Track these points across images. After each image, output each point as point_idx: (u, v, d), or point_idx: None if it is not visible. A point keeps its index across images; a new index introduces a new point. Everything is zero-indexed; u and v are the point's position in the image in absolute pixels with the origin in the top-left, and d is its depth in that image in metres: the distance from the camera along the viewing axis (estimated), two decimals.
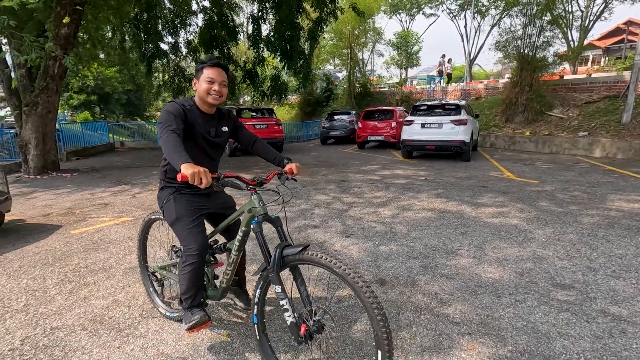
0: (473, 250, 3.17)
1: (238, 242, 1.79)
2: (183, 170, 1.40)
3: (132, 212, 4.69)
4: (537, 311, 2.21)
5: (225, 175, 1.62)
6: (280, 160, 1.97)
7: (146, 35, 13.03)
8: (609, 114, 10.06)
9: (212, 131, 1.89)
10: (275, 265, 1.56)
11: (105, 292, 2.58)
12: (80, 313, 2.30)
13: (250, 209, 1.70)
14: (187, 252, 1.74)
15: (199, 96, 1.81)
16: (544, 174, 6.74)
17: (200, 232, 1.79)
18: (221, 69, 1.79)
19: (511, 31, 12.08)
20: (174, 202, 1.84)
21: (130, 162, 9.97)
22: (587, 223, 3.83)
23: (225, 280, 1.89)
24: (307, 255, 1.49)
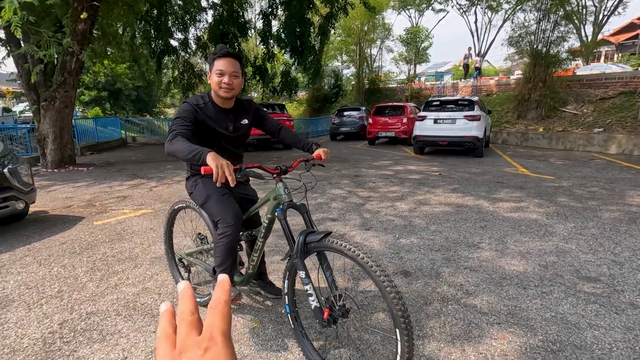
0: (494, 244, 3.18)
1: (264, 229, 1.83)
2: (208, 161, 1.39)
3: (151, 205, 4.77)
4: (565, 303, 2.22)
5: (247, 166, 1.62)
6: (309, 146, 1.95)
7: (156, 32, 13.14)
8: (625, 110, 9.90)
9: (230, 126, 1.86)
10: (299, 252, 1.57)
11: (135, 280, 2.64)
12: (113, 299, 2.36)
13: (276, 196, 1.72)
14: (223, 224, 1.77)
15: (213, 90, 1.79)
16: (559, 170, 6.68)
17: (232, 204, 1.83)
18: (232, 58, 1.73)
19: (524, 26, 11.93)
20: (202, 184, 1.88)
21: (143, 157, 10.08)
22: (608, 218, 3.81)
23: (252, 267, 1.93)
24: (327, 242, 1.51)
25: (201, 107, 1.78)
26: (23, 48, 6.70)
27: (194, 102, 1.79)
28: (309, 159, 1.83)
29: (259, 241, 1.85)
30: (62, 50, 6.95)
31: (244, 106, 1.95)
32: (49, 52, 6.58)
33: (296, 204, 1.69)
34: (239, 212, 1.84)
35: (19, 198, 3.69)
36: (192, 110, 1.74)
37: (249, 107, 1.97)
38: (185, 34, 14.41)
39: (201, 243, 2.29)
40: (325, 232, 1.55)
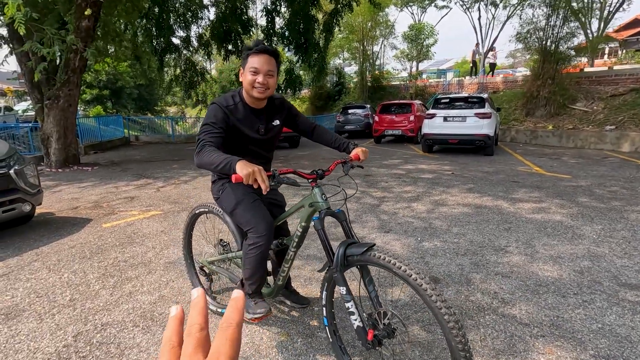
0: (522, 247, 3.04)
1: (297, 238, 1.68)
2: (238, 170, 1.29)
3: (160, 206, 4.64)
4: (610, 313, 2.08)
5: (281, 171, 1.50)
6: (345, 146, 1.81)
7: (158, 30, 12.99)
8: (637, 107, 9.73)
9: (261, 128, 1.72)
10: (339, 265, 1.43)
11: (150, 287, 2.51)
12: (129, 309, 2.23)
13: (312, 203, 1.58)
14: (254, 234, 1.64)
15: (245, 89, 1.64)
16: (574, 169, 6.53)
17: (264, 212, 1.69)
18: (269, 55, 1.58)
19: (533, 22, 11.74)
20: (231, 189, 1.73)
21: (148, 156, 9.96)
22: (636, 220, 3.67)
23: (281, 278, 1.79)
24: (371, 256, 1.36)
25: (231, 109, 1.64)
26: (26, 45, 6.56)
27: (224, 103, 1.64)
28: (346, 160, 1.68)
29: (291, 251, 1.71)
30: (66, 47, 6.81)
31: (276, 106, 1.81)
32: (52, 49, 6.44)
33: (334, 212, 1.55)
34: (271, 221, 1.70)
35: (25, 200, 3.56)
36: (222, 114, 1.60)
37: (281, 107, 1.82)
38: (187, 32, 14.26)
39: (224, 250, 2.17)
40: (368, 244, 1.41)
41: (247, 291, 1.75)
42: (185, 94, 17.12)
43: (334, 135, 1.88)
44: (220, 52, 14.26)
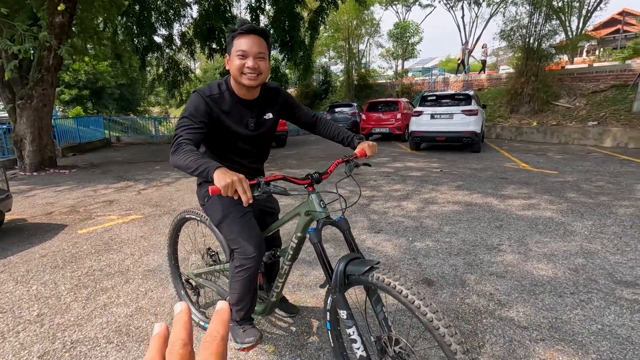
0: (515, 245, 2.98)
1: (292, 250, 1.47)
2: (215, 180, 1.08)
3: (141, 210, 4.43)
4: (608, 312, 2.02)
5: (268, 178, 1.24)
6: (350, 140, 1.59)
7: (139, 28, 12.63)
8: (618, 102, 9.93)
9: (251, 123, 1.48)
10: (338, 286, 1.23)
11: (127, 298, 2.34)
12: (102, 323, 2.06)
13: (308, 211, 1.37)
14: (241, 255, 1.44)
15: (233, 77, 1.40)
16: (560, 165, 6.58)
17: (254, 230, 1.48)
18: (257, 35, 1.33)
19: (516, 20, 11.86)
20: (218, 199, 1.51)
21: (129, 157, 9.64)
22: (625, 214, 3.66)
23: (275, 294, 1.60)
24: (374, 278, 1.15)
25: (216, 99, 1.39)
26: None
27: (207, 92, 1.39)
28: (350, 158, 1.45)
29: (285, 264, 1.51)
30: (39, 45, 6.49)
31: (270, 96, 1.54)
32: (23, 47, 6.13)
33: (335, 221, 1.33)
34: (261, 239, 1.48)
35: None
36: (205, 105, 1.36)
37: (275, 97, 1.57)
38: (169, 30, 13.92)
39: (212, 261, 1.96)
40: (371, 261, 1.20)
41: (234, 318, 1.56)
42: (169, 94, 16.75)
43: (338, 127, 1.67)
44: (204, 51, 13.97)
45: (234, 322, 1.58)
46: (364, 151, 1.49)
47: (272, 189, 1.22)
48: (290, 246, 1.48)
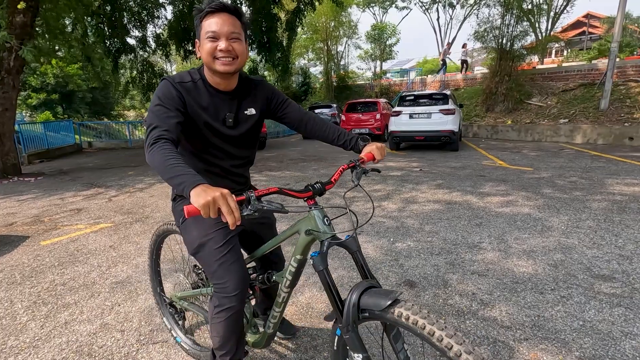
0: (495, 243, 2.98)
1: (290, 274, 1.24)
2: (193, 199, 0.86)
3: (111, 218, 4.21)
4: (589, 308, 2.02)
5: (260, 192, 1.01)
6: (354, 143, 1.36)
7: (110, 29, 12.19)
8: (587, 101, 10.31)
9: (229, 118, 1.25)
10: (350, 323, 1.00)
11: (91, 314, 2.17)
12: (62, 343, 1.89)
13: (310, 230, 1.13)
14: (220, 293, 1.22)
15: (205, 64, 1.20)
16: (535, 161, 6.73)
17: (236, 262, 1.24)
18: (228, 14, 1.14)
19: (489, 21, 12.16)
20: (194, 223, 1.26)
21: (102, 163, 9.25)
22: (598, 208, 3.74)
23: (272, 325, 1.37)
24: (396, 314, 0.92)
25: (188, 88, 1.19)
26: None
27: (177, 79, 1.19)
28: (357, 163, 1.24)
29: (283, 291, 1.28)
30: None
31: (252, 89, 1.32)
32: None
33: (342, 241, 1.09)
34: (245, 273, 1.26)
35: None
36: (176, 92, 1.16)
37: (259, 91, 1.34)
38: (143, 32, 13.50)
39: (199, 279, 1.64)
40: (393, 292, 0.96)
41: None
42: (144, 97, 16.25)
43: (337, 128, 1.40)
44: (180, 52, 13.63)
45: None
46: (371, 154, 1.27)
47: (265, 205, 0.98)
48: (288, 270, 1.24)
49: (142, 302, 2.29)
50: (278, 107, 1.39)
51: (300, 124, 1.41)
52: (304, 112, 1.43)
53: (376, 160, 1.28)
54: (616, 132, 8.68)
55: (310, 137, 1.43)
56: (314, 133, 1.42)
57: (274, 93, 1.38)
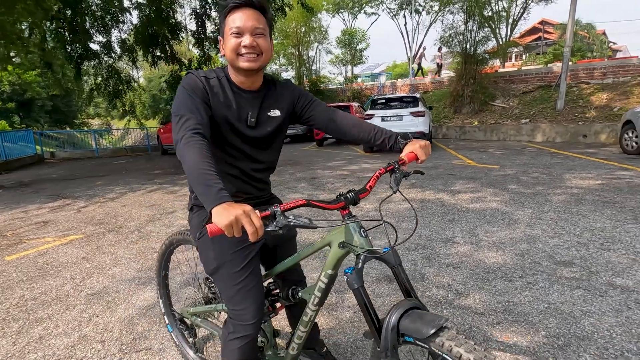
0: (467, 237, 3.14)
1: (320, 291, 1.13)
2: (214, 218, 0.81)
3: (81, 229, 4.05)
4: (552, 291, 2.18)
5: (287, 205, 0.91)
6: (394, 142, 1.24)
7: (71, 34, 11.70)
8: (545, 102, 10.98)
9: (251, 118, 1.18)
10: (389, 348, 0.91)
11: (67, 327, 2.10)
12: (38, 358, 1.82)
13: (344, 243, 1.04)
14: (236, 320, 1.17)
15: (229, 62, 1.15)
16: (501, 160, 7.10)
17: (255, 289, 1.18)
18: (253, 9, 1.09)
19: (454, 27, 12.71)
20: (212, 241, 1.17)
21: (66, 174, 8.84)
22: (558, 201, 4.02)
23: (297, 346, 1.26)
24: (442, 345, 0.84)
25: (212, 83, 1.14)
26: None
27: (202, 73, 1.15)
28: (396, 166, 1.13)
29: (310, 310, 1.17)
30: None
31: (278, 89, 1.26)
32: None
33: (380, 254, 1.00)
34: (262, 303, 1.20)
35: None
36: (201, 85, 1.11)
37: (284, 91, 1.27)
38: (107, 37, 13.04)
39: (211, 294, 1.53)
40: (439, 318, 0.87)
41: None
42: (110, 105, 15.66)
43: (372, 126, 1.28)
44: (147, 58, 13.27)
45: None
46: (413, 154, 1.15)
47: (292, 221, 0.88)
48: (317, 287, 1.13)
49: (121, 311, 2.24)
50: (305, 108, 1.29)
51: (329, 125, 1.29)
52: (333, 112, 1.31)
53: (419, 161, 1.17)
54: (572, 130, 9.31)
55: (342, 138, 1.32)
56: (345, 134, 1.29)
57: (300, 93, 1.30)
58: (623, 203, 3.79)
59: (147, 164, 10.20)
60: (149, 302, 2.34)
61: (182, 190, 5.87)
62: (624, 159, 6.34)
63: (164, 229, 3.85)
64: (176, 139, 0.99)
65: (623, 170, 5.44)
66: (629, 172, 5.29)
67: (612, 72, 10.88)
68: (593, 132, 9.03)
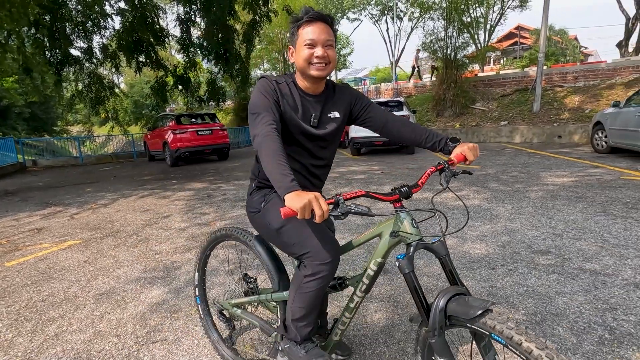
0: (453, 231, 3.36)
1: (368, 278, 1.23)
2: (288, 203, 0.95)
3: (78, 234, 4.10)
4: (530, 277, 2.42)
5: (348, 195, 1.04)
6: (443, 144, 1.33)
7: (51, 40, 11.53)
8: (522, 104, 11.50)
9: (314, 118, 1.33)
10: (437, 328, 1.01)
11: (81, 324, 2.20)
12: (58, 353, 1.93)
13: (395, 232, 1.15)
14: (315, 260, 1.20)
15: (299, 69, 1.29)
16: (482, 160, 7.44)
17: (328, 234, 1.27)
18: (324, 23, 1.24)
19: (434, 33, 13.17)
20: (279, 199, 1.26)
21: (53, 182, 8.72)
22: (535, 197, 4.31)
23: (340, 332, 1.37)
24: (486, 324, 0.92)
25: (282, 87, 1.30)
26: None
27: (273, 78, 1.31)
28: (445, 166, 1.23)
29: (357, 296, 1.27)
30: None
31: (337, 93, 1.40)
32: None
33: (429, 244, 1.11)
34: (337, 244, 1.27)
35: None
36: (274, 88, 1.27)
37: (343, 95, 1.41)
38: (88, 43, 12.89)
39: (249, 289, 1.63)
40: (485, 302, 0.96)
41: (293, 337, 1.33)
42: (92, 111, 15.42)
43: (424, 129, 1.39)
44: (130, 64, 13.18)
45: (291, 342, 1.35)
46: (462, 155, 1.24)
47: (353, 208, 1.01)
48: (366, 274, 1.22)
49: (132, 308, 2.35)
50: (361, 110, 1.42)
51: (385, 127, 1.41)
52: (388, 115, 1.42)
53: (468, 162, 1.25)
54: (547, 131, 9.80)
55: (397, 140, 1.41)
56: (401, 136, 1.40)
57: (357, 97, 1.42)
58: (593, 198, 4.11)
59: (134, 170, 10.15)
60: (158, 299, 2.45)
61: (175, 195, 5.95)
62: (595, 158, 6.77)
63: (163, 232, 3.95)
64: (254, 133, 1.16)
65: (594, 168, 5.83)
66: (599, 169, 5.68)
67: (584, 76, 11.50)
68: (567, 133, 9.53)
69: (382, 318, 2.09)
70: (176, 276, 2.80)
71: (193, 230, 3.94)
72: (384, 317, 2.10)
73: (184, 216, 4.58)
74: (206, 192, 6.02)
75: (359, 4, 29.41)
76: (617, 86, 10.42)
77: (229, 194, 5.72)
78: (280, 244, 1.34)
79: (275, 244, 1.38)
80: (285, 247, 1.31)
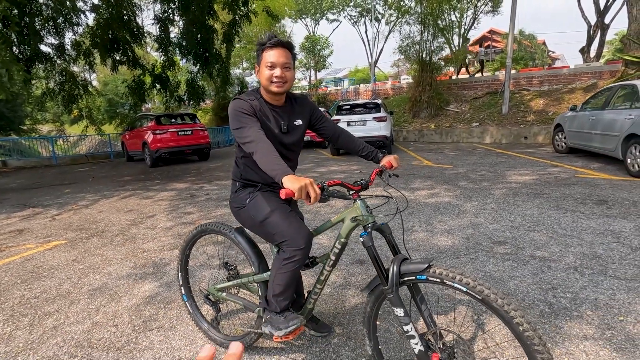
0: (424, 226, 3.67)
1: (334, 255, 1.55)
2: (287, 184, 1.19)
3: (62, 235, 4.15)
4: (489, 263, 2.74)
5: (330, 183, 1.36)
6: (374, 155, 1.75)
7: (19, 36, 11.16)
8: (492, 107, 12.11)
9: (284, 126, 1.61)
10: (394, 285, 1.32)
11: (77, 317, 2.34)
12: (59, 342, 2.07)
13: (356, 217, 1.46)
14: (291, 247, 1.46)
15: (262, 85, 1.56)
16: (454, 160, 7.88)
17: (303, 225, 1.54)
18: (284, 48, 1.50)
19: (410, 37, 13.63)
20: (263, 197, 1.60)
21: (27, 183, 8.53)
22: (499, 194, 4.70)
23: (313, 301, 1.66)
24: (437, 273, 1.23)
25: (254, 104, 1.54)
26: None
27: (245, 97, 1.55)
28: (383, 168, 1.64)
29: (326, 270, 1.59)
30: None
31: (299, 105, 1.70)
32: None
33: (380, 225, 1.46)
34: (310, 232, 1.54)
35: None
36: (248, 105, 1.51)
37: (303, 106, 1.71)
38: (60, 39, 12.52)
39: (230, 275, 1.89)
40: (426, 260, 1.30)
41: (274, 309, 1.59)
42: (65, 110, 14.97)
43: (361, 142, 1.78)
44: (105, 62, 12.91)
45: (272, 313, 1.61)
46: (390, 163, 1.68)
47: (335, 193, 1.36)
48: (332, 251, 1.55)
49: (126, 302, 2.50)
50: (318, 120, 1.75)
51: (334, 136, 1.78)
52: (336, 127, 1.81)
53: (394, 167, 1.69)
54: (515, 132, 10.41)
55: (341, 147, 1.82)
56: (343, 144, 1.79)
57: (315, 109, 1.75)
58: (549, 194, 4.54)
59: (113, 171, 10.03)
60: (151, 292, 2.61)
61: (157, 196, 6.01)
62: (555, 157, 7.32)
63: (149, 232, 4.06)
64: (247, 140, 1.40)
65: (553, 167, 6.34)
66: (557, 168, 6.18)
67: (548, 80, 12.24)
68: (532, 134, 10.16)
69: (358, 302, 2.34)
70: (166, 272, 2.96)
71: (179, 229, 4.07)
72: (360, 301, 2.35)
73: (169, 215, 4.70)
74: (189, 192, 6.12)
75: (337, 5, 29.78)
76: (577, 90, 11.18)
77: (212, 194, 5.85)
78: (262, 234, 1.60)
79: (259, 234, 1.63)
80: (268, 236, 1.58)
